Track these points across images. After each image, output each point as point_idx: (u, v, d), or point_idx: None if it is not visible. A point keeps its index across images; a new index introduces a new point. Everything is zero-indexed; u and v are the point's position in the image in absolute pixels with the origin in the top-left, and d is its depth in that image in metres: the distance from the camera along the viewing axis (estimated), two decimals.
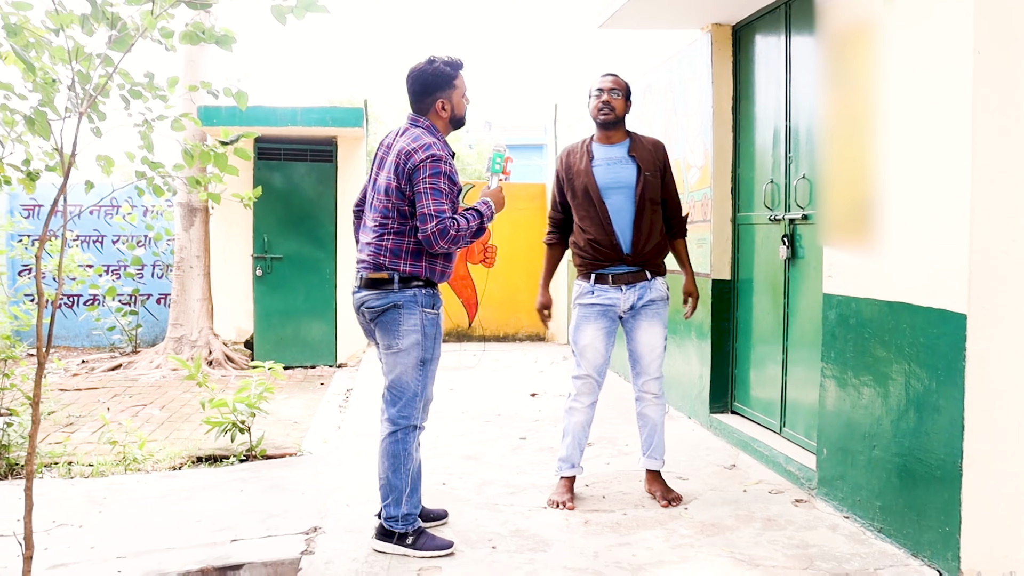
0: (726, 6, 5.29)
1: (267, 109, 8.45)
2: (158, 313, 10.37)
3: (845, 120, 3.93)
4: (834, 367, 4.03)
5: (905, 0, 3.46)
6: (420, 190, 3.41)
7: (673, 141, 6.39)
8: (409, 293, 3.49)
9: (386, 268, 3.50)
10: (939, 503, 3.26)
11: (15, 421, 4.93)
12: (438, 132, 3.61)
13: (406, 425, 3.52)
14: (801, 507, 4.11)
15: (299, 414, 6.44)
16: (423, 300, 3.52)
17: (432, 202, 3.39)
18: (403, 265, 3.49)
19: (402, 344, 3.49)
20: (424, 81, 3.59)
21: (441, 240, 3.41)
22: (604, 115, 4.15)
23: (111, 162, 3.38)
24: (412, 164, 3.43)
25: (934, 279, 3.29)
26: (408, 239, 3.50)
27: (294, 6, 2.99)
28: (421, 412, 3.58)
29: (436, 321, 3.58)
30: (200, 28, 3.08)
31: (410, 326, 3.49)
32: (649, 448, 4.28)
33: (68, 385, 7.60)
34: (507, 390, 7.38)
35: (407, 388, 3.52)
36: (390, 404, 3.55)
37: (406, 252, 3.50)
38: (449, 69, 3.60)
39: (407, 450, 3.51)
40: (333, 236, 9.01)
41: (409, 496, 3.52)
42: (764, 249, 5.30)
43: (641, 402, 4.29)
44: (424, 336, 3.51)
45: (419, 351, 3.51)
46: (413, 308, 3.49)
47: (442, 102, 3.61)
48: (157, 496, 4.32)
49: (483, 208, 3.61)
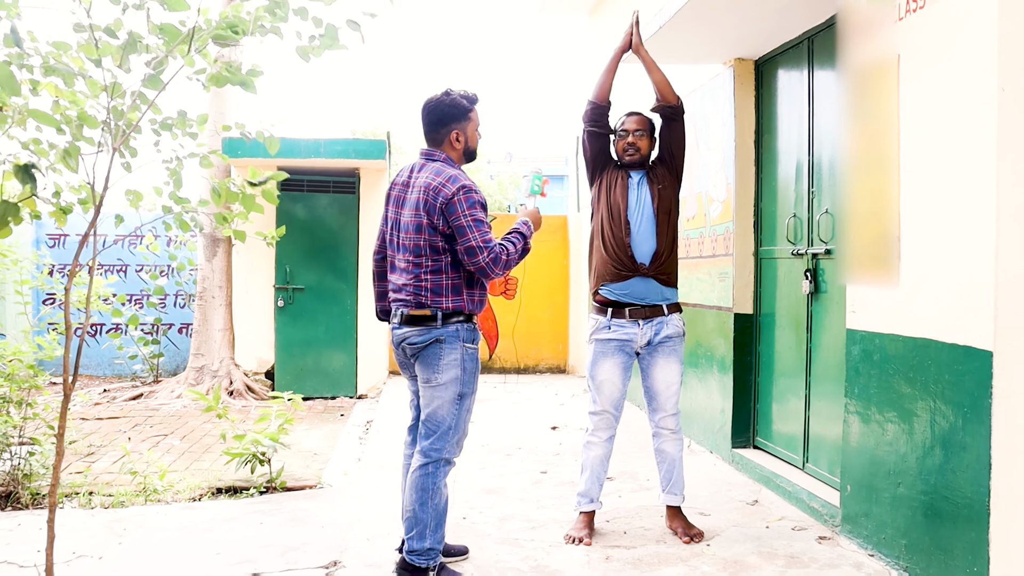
0: (749, 41, 5.32)
1: (290, 141, 8.53)
2: (180, 343, 10.43)
3: (868, 155, 3.92)
4: (858, 403, 4.00)
5: (928, 36, 3.47)
6: (463, 224, 3.43)
7: (695, 174, 6.40)
8: (451, 328, 3.52)
9: (428, 305, 3.52)
10: (966, 542, 3.21)
11: (37, 451, 4.96)
12: (455, 163, 3.64)
13: (438, 459, 3.51)
14: (825, 544, 4.06)
15: (319, 445, 6.44)
16: (464, 335, 3.55)
17: (478, 234, 3.43)
18: (445, 302, 3.52)
19: (441, 378, 3.51)
20: (440, 112, 3.62)
21: (496, 268, 3.46)
22: (630, 156, 4.28)
23: (140, 196, 3.43)
24: (445, 198, 3.44)
25: (959, 316, 3.26)
26: (445, 275, 3.52)
27: (316, 46, 3.03)
28: (455, 447, 3.57)
29: (475, 356, 3.60)
30: (227, 67, 3.13)
31: (450, 360, 3.50)
32: (668, 484, 4.25)
33: (89, 414, 7.64)
34: (528, 423, 7.36)
35: (443, 422, 3.52)
36: (424, 437, 3.54)
37: (446, 289, 3.52)
38: (465, 102, 3.65)
39: (436, 484, 3.50)
40: (355, 267, 9.06)
41: (434, 531, 3.50)
42: (787, 283, 5.27)
43: (659, 438, 4.27)
44: (464, 371, 3.53)
45: (458, 385, 3.52)
46: (455, 343, 3.52)
47: (457, 133, 3.64)
48: (177, 528, 4.32)
49: (524, 228, 3.68)
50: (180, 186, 3.50)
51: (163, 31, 2.94)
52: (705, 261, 6.17)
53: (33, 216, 3.18)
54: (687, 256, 6.54)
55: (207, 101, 8.75)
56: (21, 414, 4.90)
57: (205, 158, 3.57)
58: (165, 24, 2.95)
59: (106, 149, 3.00)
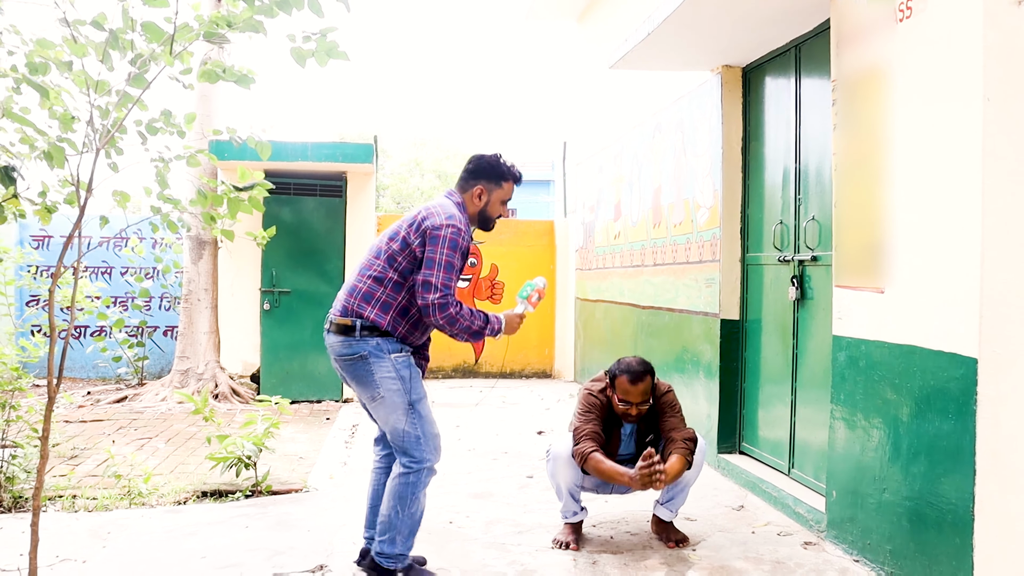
0: (736, 48, 5.34)
1: (278, 144, 8.52)
2: (165, 345, 10.37)
3: (856, 162, 3.95)
4: (844, 409, 4.02)
5: (916, 45, 3.49)
6: (435, 258, 3.39)
7: (682, 181, 6.43)
8: (372, 343, 3.43)
9: (351, 312, 3.46)
10: (951, 548, 3.23)
11: (20, 454, 4.92)
12: (466, 212, 3.63)
13: (418, 468, 3.47)
14: (810, 550, 4.07)
15: (305, 449, 6.41)
16: (388, 347, 3.45)
17: (443, 275, 3.39)
18: (369, 312, 3.44)
19: (383, 392, 3.43)
20: (480, 165, 3.67)
21: (439, 314, 3.39)
22: (631, 421, 4.13)
23: (127, 197, 3.41)
24: (432, 224, 3.43)
25: (944, 323, 3.28)
26: (383, 288, 3.46)
27: (314, 51, 3.02)
28: (432, 453, 3.51)
29: (407, 363, 3.49)
30: (220, 65, 3.12)
31: (384, 375, 3.42)
32: (669, 501, 4.20)
33: (73, 417, 7.59)
34: (514, 427, 7.36)
35: (408, 435, 3.45)
36: (399, 453, 3.49)
37: (376, 301, 3.45)
38: (505, 170, 3.69)
39: (415, 494, 3.47)
40: (341, 271, 9.04)
41: (406, 538, 3.50)
42: (773, 290, 5.30)
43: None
44: (402, 379, 3.44)
45: (403, 396, 3.44)
46: (381, 356, 3.43)
47: (482, 190, 3.66)
48: (162, 531, 4.30)
49: (493, 320, 3.58)
50: (166, 186, 3.48)
51: (145, 29, 2.92)
52: (692, 267, 6.19)
53: (19, 215, 3.16)
54: (674, 262, 6.56)
55: (194, 103, 8.72)
56: (4, 417, 4.86)
57: (192, 157, 3.56)
58: (146, 22, 2.93)
59: (91, 149, 2.98)
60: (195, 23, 2.99)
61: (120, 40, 2.95)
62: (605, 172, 8.83)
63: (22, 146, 3.13)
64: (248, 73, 3.19)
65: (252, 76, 3.21)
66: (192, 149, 3.63)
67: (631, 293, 7.70)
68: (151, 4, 2.94)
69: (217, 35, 2.97)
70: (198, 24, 2.97)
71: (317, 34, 3.07)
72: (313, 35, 3.07)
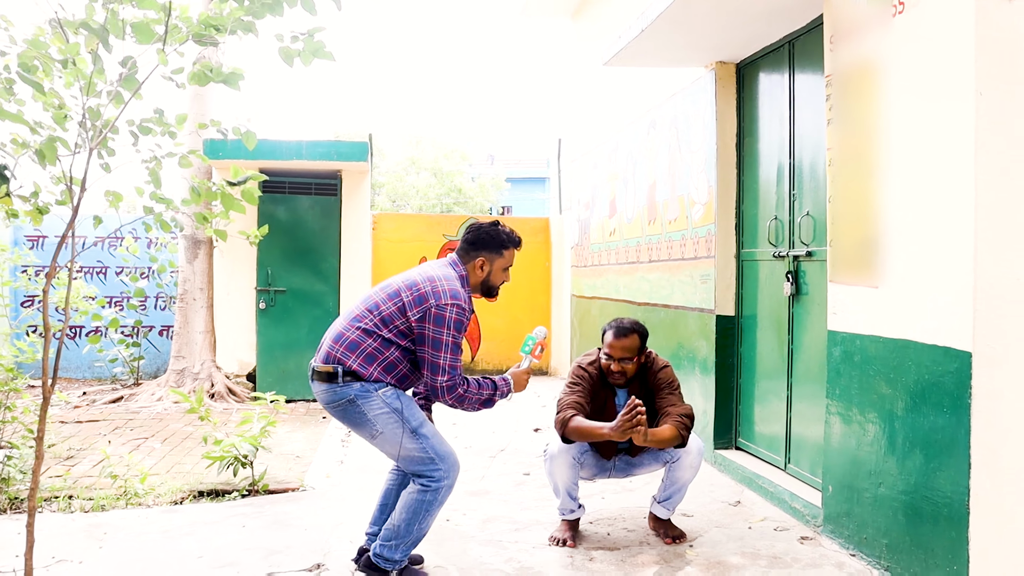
0: (730, 44, 5.34)
1: (272, 143, 8.50)
2: (160, 345, 10.36)
3: (850, 157, 3.95)
4: (839, 404, 4.02)
5: (909, 40, 3.49)
6: (442, 339, 3.39)
7: (677, 177, 6.43)
8: (356, 386, 3.40)
9: (333, 359, 3.43)
10: (946, 541, 3.24)
11: (16, 454, 4.91)
12: (468, 286, 3.62)
13: (436, 487, 3.43)
14: (807, 545, 4.08)
15: (301, 448, 6.41)
16: (372, 387, 3.41)
17: (450, 356, 3.40)
18: (352, 362, 3.41)
19: (380, 428, 3.40)
20: (479, 237, 3.66)
21: (448, 396, 3.41)
22: (616, 380, 4.14)
23: (119, 196, 3.40)
24: (437, 304, 3.40)
25: (939, 317, 3.29)
26: (372, 340, 3.43)
27: (301, 50, 3.02)
28: (450, 470, 3.46)
29: (396, 393, 3.46)
30: (208, 67, 3.11)
31: (377, 411, 3.40)
32: (667, 499, 4.20)
33: (69, 417, 7.58)
34: (510, 425, 7.36)
35: (420, 459, 3.43)
36: (416, 477, 3.46)
37: (362, 352, 3.42)
38: (505, 238, 3.69)
39: (430, 511, 3.45)
40: (336, 270, 9.04)
41: (409, 547, 3.49)
42: (768, 285, 5.30)
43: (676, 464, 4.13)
44: (395, 411, 3.41)
45: (402, 426, 3.41)
46: (368, 395, 3.40)
47: (483, 261, 3.65)
48: (158, 531, 4.29)
49: (500, 384, 3.56)
50: (159, 185, 3.47)
51: (135, 29, 2.91)
52: (687, 263, 6.19)
53: (9, 215, 3.15)
54: (669, 258, 6.56)
55: (187, 103, 8.71)
56: (0, 418, 4.86)
57: (184, 158, 3.55)
58: (136, 23, 2.92)
59: (83, 149, 2.97)
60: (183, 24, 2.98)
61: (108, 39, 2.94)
62: (600, 169, 8.83)
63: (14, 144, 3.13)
64: (236, 72, 3.18)
65: (240, 74, 3.20)
66: (184, 148, 3.63)
67: (627, 290, 7.70)
68: (142, 6, 2.93)
69: (206, 36, 2.96)
70: (186, 27, 2.97)
71: (305, 34, 3.06)
72: (301, 35, 3.07)
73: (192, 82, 3.16)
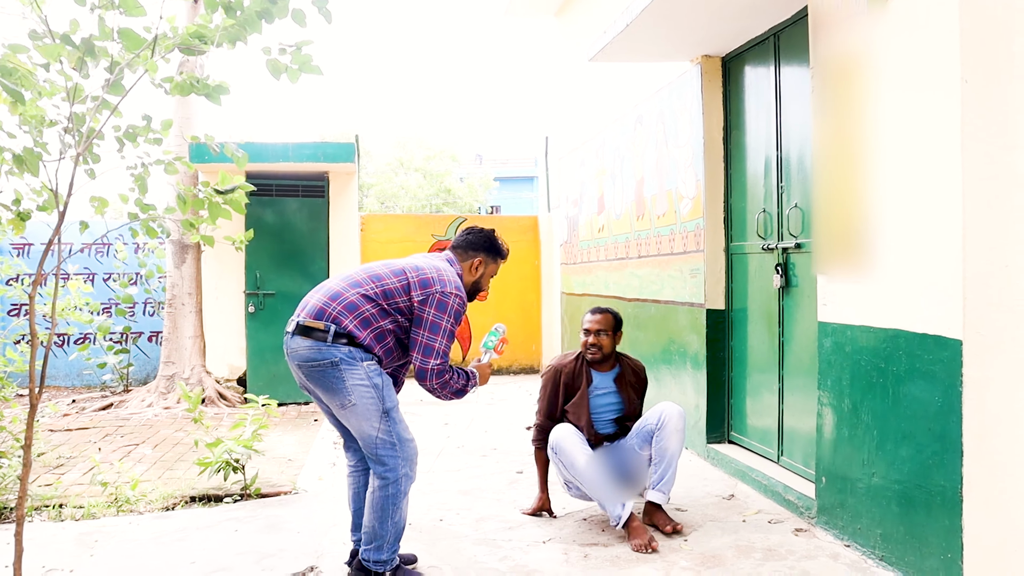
0: (715, 38, 5.34)
1: (259, 145, 8.47)
2: (150, 351, 10.31)
3: (838, 148, 3.95)
4: (831, 395, 4.02)
5: (895, 28, 3.50)
6: (441, 324, 3.43)
7: (664, 172, 6.42)
8: (344, 349, 3.33)
9: (326, 316, 3.37)
10: (940, 530, 3.24)
11: (4, 463, 4.87)
12: (463, 281, 3.66)
13: (395, 479, 3.41)
14: (801, 536, 4.08)
15: (293, 451, 6.38)
16: (359, 355, 3.36)
17: (445, 342, 3.44)
18: (348, 323, 3.35)
19: (354, 399, 3.35)
20: (480, 239, 3.76)
21: (435, 380, 3.44)
22: (592, 355, 4.42)
23: (105, 203, 3.38)
24: (442, 291, 3.44)
25: (928, 306, 3.29)
26: (371, 309, 3.39)
27: (289, 65, 3.00)
28: (410, 461, 3.45)
29: (380, 370, 3.42)
30: (194, 79, 3.09)
31: (356, 381, 3.33)
32: (660, 481, 4.24)
33: (58, 425, 7.53)
34: (502, 424, 7.35)
35: (382, 442, 3.39)
36: (374, 462, 3.43)
37: (360, 315, 3.38)
38: (500, 248, 3.82)
39: (397, 504, 3.43)
40: (325, 271, 9.01)
41: (392, 543, 3.47)
42: (758, 278, 5.30)
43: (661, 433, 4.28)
44: (375, 387, 3.37)
45: (378, 402, 3.37)
46: (353, 363, 3.34)
47: (480, 262, 3.75)
48: (150, 538, 4.26)
49: (472, 376, 3.63)
50: (145, 192, 3.45)
51: (122, 36, 2.89)
52: (676, 258, 6.19)
53: None
54: (658, 254, 6.56)
55: (173, 107, 8.66)
56: None
57: (170, 165, 3.52)
58: (124, 29, 2.89)
59: (68, 156, 2.95)
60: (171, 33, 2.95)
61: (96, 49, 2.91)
62: (587, 166, 8.82)
63: None
64: (221, 85, 3.16)
65: (225, 88, 3.18)
66: (171, 155, 3.60)
67: (616, 286, 7.70)
68: (131, 13, 2.90)
69: (194, 46, 2.94)
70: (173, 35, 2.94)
71: (293, 47, 3.04)
72: (289, 47, 3.04)
73: (174, 92, 3.14)
